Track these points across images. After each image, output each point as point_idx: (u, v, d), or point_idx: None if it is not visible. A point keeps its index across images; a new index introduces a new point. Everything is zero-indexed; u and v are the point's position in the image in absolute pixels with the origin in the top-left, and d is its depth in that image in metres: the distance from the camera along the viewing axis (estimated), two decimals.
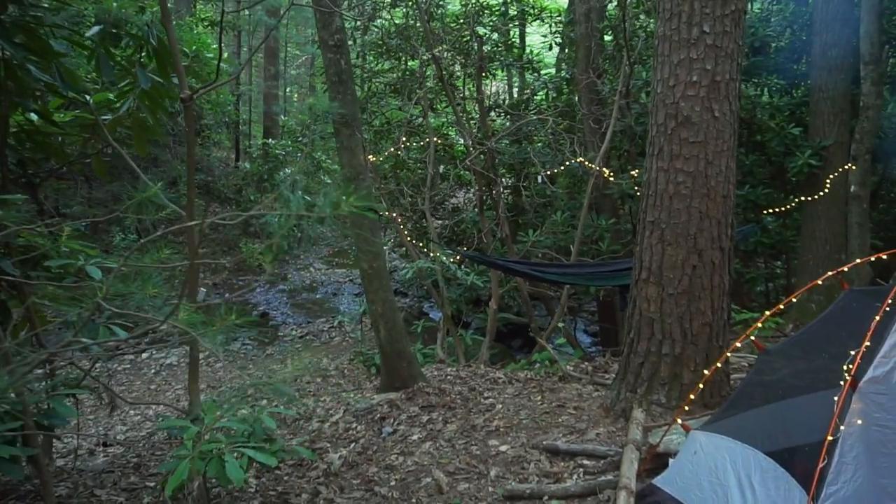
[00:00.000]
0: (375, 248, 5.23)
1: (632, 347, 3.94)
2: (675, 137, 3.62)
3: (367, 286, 5.33)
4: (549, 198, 9.57)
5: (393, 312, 5.38)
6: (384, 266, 5.32)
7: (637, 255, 3.91)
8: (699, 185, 3.59)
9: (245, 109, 23.15)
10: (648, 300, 3.80)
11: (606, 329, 10.31)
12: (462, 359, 7.68)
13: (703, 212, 3.61)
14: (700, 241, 3.63)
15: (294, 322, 11.93)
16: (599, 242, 8.68)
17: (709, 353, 3.73)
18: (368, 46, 8.77)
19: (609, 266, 6.05)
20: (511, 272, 6.13)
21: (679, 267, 3.67)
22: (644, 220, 3.84)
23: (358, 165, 5.11)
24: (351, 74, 5.12)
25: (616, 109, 7.15)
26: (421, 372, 5.68)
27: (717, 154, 3.59)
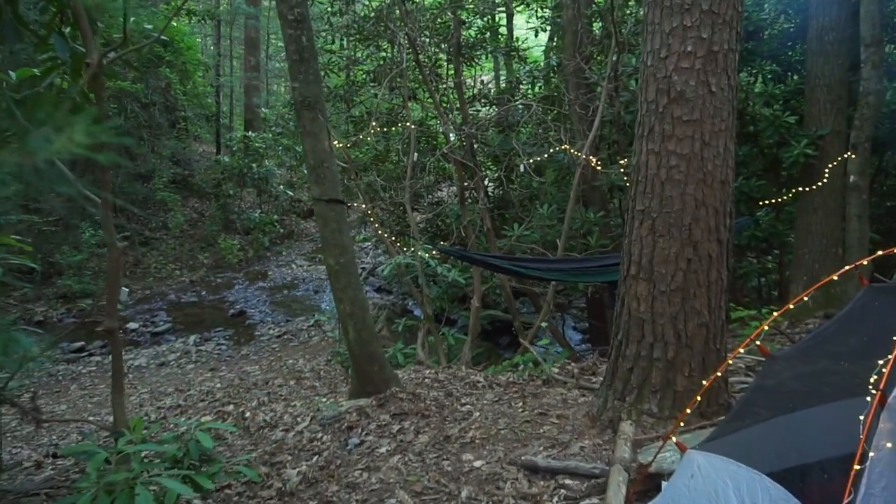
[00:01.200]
0: (343, 241, 4.81)
1: (620, 351, 3.55)
2: (668, 116, 3.22)
3: (334, 284, 4.91)
4: (536, 190, 9.18)
5: (363, 312, 4.97)
6: (352, 262, 4.91)
7: (625, 249, 3.52)
8: (694, 169, 3.20)
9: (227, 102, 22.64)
10: (638, 298, 3.41)
11: (596, 327, 9.96)
12: (443, 360, 7.28)
13: (699, 199, 3.22)
14: (695, 232, 3.24)
15: (272, 321, 11.49)
16: (588, 237, 8.31)
17: (705, 358, 3.35)
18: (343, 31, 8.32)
19: (597, 261, 5.67)
20: (492, 268, 5.73)
21: (672, 261, 3.28)
22: (633, 210, 3.44)
23: (322, 152, 4.69)
24: (314, 52, 4.69)
25: (604, 95, 6.76)
26: (395, 375, 5.27)
27: (715, 134, 3.20)
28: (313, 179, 4.75)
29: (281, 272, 14.50)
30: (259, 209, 16.92)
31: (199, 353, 9.84)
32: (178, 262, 14.37)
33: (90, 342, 10.21)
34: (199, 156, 18.81)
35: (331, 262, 4.86)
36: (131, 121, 13.94)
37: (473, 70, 12.05)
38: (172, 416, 6.79)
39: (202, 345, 10.18)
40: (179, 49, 14.42)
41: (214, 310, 12.08)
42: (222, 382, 8.06)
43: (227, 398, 7.11)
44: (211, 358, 9.70)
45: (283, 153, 16.06)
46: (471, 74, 12.27)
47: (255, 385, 7.58)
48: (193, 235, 15.50)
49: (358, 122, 9.85)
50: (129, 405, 7.39)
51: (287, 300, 12.74)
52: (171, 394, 7.77)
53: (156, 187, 13.94)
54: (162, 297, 12.62)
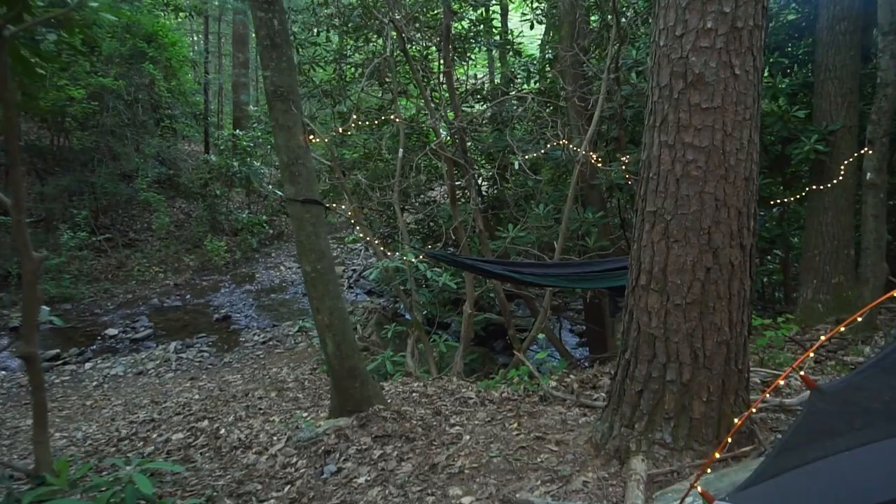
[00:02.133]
0: (319, 246, 4.37)
1: (628, 371, 3.12)
2: (684, 103, 2.79)
3: (310, 292, 4.48)
4: (531, 189, 8.76)
5: (342, 323, 4.53)
6: (331, 268, 4.47)
7: (634, 255, 3.09)
8: (715, 164, 2.78)
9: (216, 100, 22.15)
10: (649, 312, 2.98)
11: (593, 331, 9.54)
12: (433, 369, 6.85)
13: (720, 199, 2.80)
14: (715, 236, 2.82)
15: (258, 326, 11.03)
16: (586, 238, 7.89)
17: (725, 380, 2.92)
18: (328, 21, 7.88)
19: (597, 266, 5.25)
20: (484, 274, 5.30)
21: (688, 270, 2.86)
22: (643, 211, 3.02)
23: (297, 148, 4.25)
24: (287, 37, 4.25)
25: (604, 88, 6.33)
26: (378, 392, 4.83)
27: (738, 124, 2.78)
28: (287, 178, 4.31)
29: (269, 274, 14.04)
30: (247, 209, 16.46)
31: (179, 360, 9.39)
32: (162, 265, 13.90)
33: (66, 349, 9.75)
34: (186, 155, 18.33)
35: (307, 269, 4.42)
36: (114, 119, 13.46)
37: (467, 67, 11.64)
38: (144, 432, 6.35)
39: (183, 352, 9.72)
40: (164, 44, 13.94)
41: (198, 314, 11.62)
42: (201, 393, 7.61)
43: (203, 412, 6.65)
44: (192, 366, 9.24)
45: (271, 152, 15.60)
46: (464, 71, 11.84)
47: (235, 397, 7.13)
48: (179, 237, 15.02)
49: (346, 118, 9.41)
50: (101, 419, 6.95)
51: (274, 304, 12.29)
52: (146, 406, 7.32)
53: (139, 187, 13.44)
54: (144, 300, 12.15)
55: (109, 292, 12.41)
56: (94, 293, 12.21)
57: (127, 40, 13.16)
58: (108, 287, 12.53)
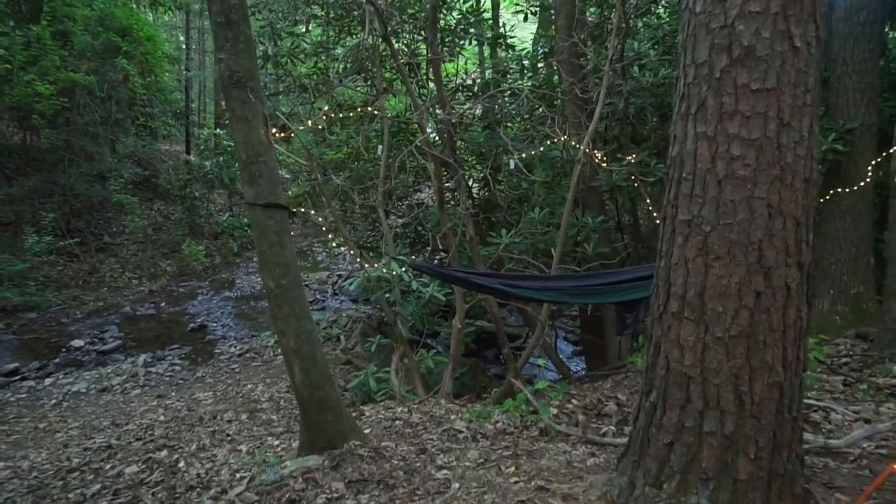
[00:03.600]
0: (285, 258, 3.76)
1: (653, 417, 2.53)
2: (728, 83, 2.21)
3: (274, 312, 3.86)
4: (525, 191, 8.19)
5: (312, 347, 3.92)
6: (298, 283, 3.86)
7: (661, 275, 2.50)
8: (768, 161, 2.19)
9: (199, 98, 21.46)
10: (682, 346, 2.39)
11: (590, 342, 8.98)
12: (420, 389, 6.24)
13: (774, 205, 2.21)
14: (768, 252, 2.23)
15: (235, 336, 10.38)
16: (584, 244, 7.32)
17: (777, 431, 2.34)
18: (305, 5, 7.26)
19: (602, 278, 4.66)
20: (475, 288, 4.70)
21: (733, 295, 2.27)
22: (673, 220, 2.42)
23: (257, 143, 3.64)
24: (245, 14, 3.64)
25: (606, 80, 5.75)
26: (354, 425, 4.22)
27: (797, 110, 2.19)
28: (246, 178, 3.70)
29: (249, 280, 13.38)
30: (229, 212, 15.80)
31: (148, 375, 8.72)
32: (137, 270, 13.21)
33: (26, 363, 9.07)
34: (166, 155, 17.63)
35: (270, 284, 3.80)
36: (86, 116, 12.77)
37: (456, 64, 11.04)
38: (98, 461, 5.70)
39: (153, 365, 9.06)
40: (139, 39, 13.26)
41: (173, 323, 10.95)
42: (167, 414, 6.96)
43: (165, 438, 6.01)
44: (161, 381, 8.58)
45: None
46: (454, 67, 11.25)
47: (202, 420, 6.48)
48: (156, 241, 14.33)
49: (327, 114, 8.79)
50: (53, 445, 6.29)
51: (253, 312, 11.64)
52: (105, 429, 6.66)
53: (113, 189, 12.74)
54: (116, 309, 11.47)
55: (79, 300, 11.72)
56: (63, 301, 11.51)
57: (100, 34, 12.48)
58: (78, 294, 11.84)
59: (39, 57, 11.27)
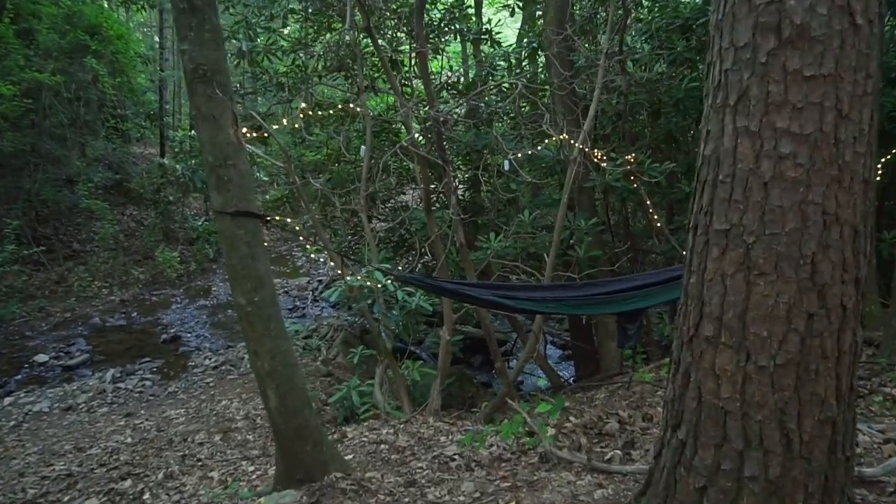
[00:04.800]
0: (257, 271, 3.36)
1: (681, 457, 2.18)
2: (776, 69, 1.87)
3: (246, 331, 3.46)
4: (515, 193, 7.86)
5: (288, 369, 3.53)
6: (272, 299, 3.47)
7: (692, 292, 2.16)
8: (824, 160, 1.86)
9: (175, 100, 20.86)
10: (717, 376, 2.05)
11: (580, 348, 8.67)
12: (406, 405, 5.86)
13: (831, 212, 1.88)
14: (823, 267, 1.90)
15: (210, 347, 9.90)
16: (576, 247, 6.99)
17: (830, 474, 2.01)
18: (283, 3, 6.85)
19: (604, 287, 4.33)
20: (467, 300, 4.34)
21: (781, 317, 1.93)
22: (707, 229, 2.08)
23: (225, 144, 3.24)
24: (212, 1, 3.24)
25: (601, 74, 5.43)
26: (335, 454, 3.84)
27: (857, 100, 1.86)
28: (213, 184, 3.30)
29: (225, 287, 12.85)
30: (204, 216, 15.27)
31: (116, 392, 8.23)
32: (108, 279, 12.64)
33: None
34: (140, 158, 17.03)
35: (241, 301, 3.40)
36: (54, 118, 12.21)
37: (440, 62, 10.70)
38: (56, 492, 5.25)
39: (122, 381, 8.56)
40: (109, 37, 12.72)
41: (144, 335, 10.44)
42: (135, 435, 6.49)
43: (130, 464, 5.57)
44: (130, 398, 8.09)
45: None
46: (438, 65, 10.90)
47: (171, 442, 6.04)
48: (129, 247, 13.77)
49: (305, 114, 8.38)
50: (8, 474, 5.79)
51: (230, 320, 11.15)
52: (66, 454, 6.18)
53: (81, 193, 12.17)
54: (84, 320, 10.92)
55: (45, 311, 11.15)
56: (28, 313, 10.94)
57: (67, 32, 11.94)
58: (45, 305, 11.27)
59: (2, 56, 10.71)
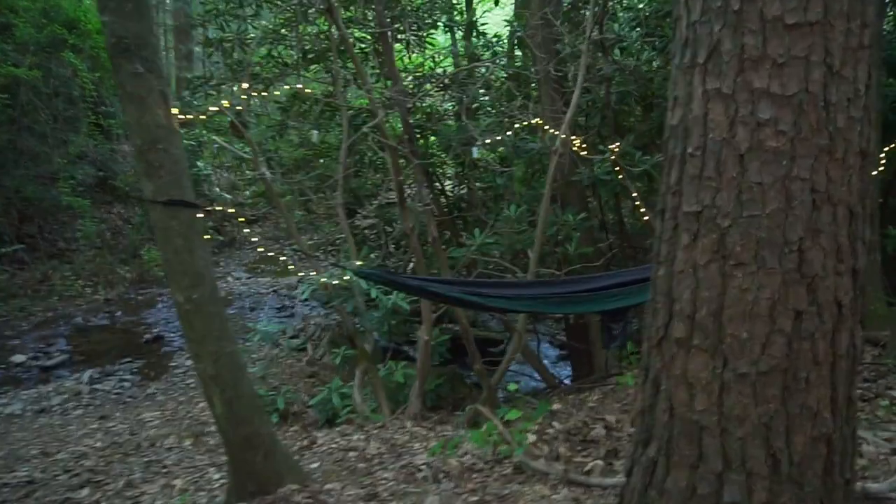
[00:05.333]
0: (195, 266, 3.06)
1: (652, 478, 1.88)
2: (753, 17, 1.56)
3: (186, 331, 3.17)
4: (501, 187, 7.55)
5: (234, 373, 3.23)
6: (213, 296, 3.17)
7: (660, 287, 1.85)
8: (811, 126, 1.55)
9: None
10: (691, 385, 1.74)
11: (576, 349, 8.37)
12: (385, 409, 5.56)
13: (821, 189, 1.57)
14: (812, 255, 1.59)
15: None
16: (565, 244, 6.68)
17: (826, 501, 1.70)
18: None
19: (585, 283, 4.02)
20: (436, 298, 4.02)
21: (763, 315, 1.63)
22: (675, 212, 1.77)
23: (154, 127, 2.94)
24: None
25: (584, 61, 5.12)
26: (291, 465, 3.54)
27: (851, 54, 1.55)
28: (143, 170, 3.00)
29: None
30: None
31: (93, 393, 7.94)
32: (93, 278, 12.35)
33: None
34: (128, 155, 16.75)
35: (179, 299, 3.10)
36: (32, 115, 11.91)
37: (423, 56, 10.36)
38: (13, 501, 4.98)
39: (100, 382, 8.27)
40: (87, 31, 12.43)
41: (127, 335, 10.14)
42: (105, 439, 6.21)
43: (93, 471, 5.29)
44: (107, 400, 7.80)
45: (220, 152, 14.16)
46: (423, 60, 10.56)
47: (140, 447, 5.77)
48: (115, 246, 13.47)
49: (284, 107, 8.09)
50: None
51: None
52: (32, 459, 5.90)
53: (62, 191, 11.89)
54: (67, 319, 10.63)
55: (27, 311, 10.86)
56: (8, 312, 10.65)
57: (44, 26, 11.63)
58: (26, 305, 10.98)
59: None
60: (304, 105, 7.91)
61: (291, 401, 6.80)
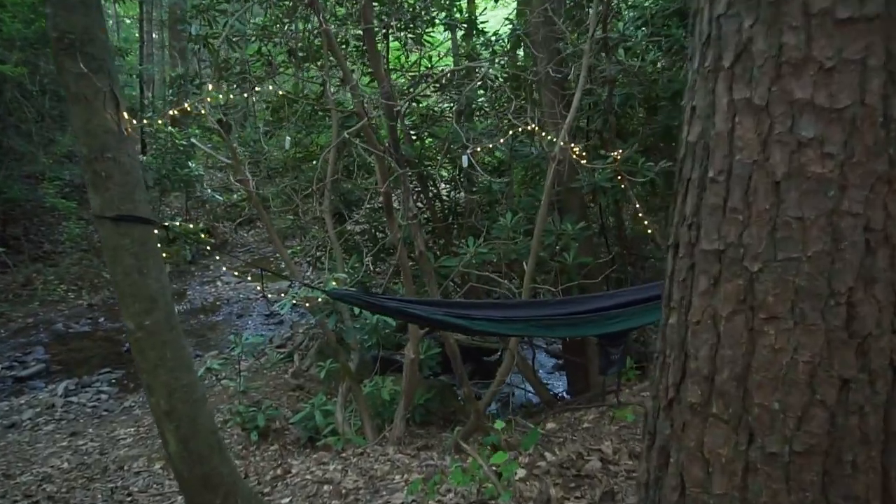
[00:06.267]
0: (148, 289, 2.74)
1: None
2: (794, 8, 1.24)
3: (139, 361, 2.84)
4: (496, 194, 7.23)
5: (190, 407, 2.90)
6: (169, 322, 2.84)
7: (670, 337, 1.52)
8: (866, 148, 1.23)
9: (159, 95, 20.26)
10: (707, 462, 1.42)
11: (573, 363, 8.05)
12: (369, 432, 5.23)
13: (878, 227, 1.24)
14: (864, 310, 1.26)
15: None
16: (564, 254, 6.36)
17: None
18: None
19: (582, 304, 3.69)
20: (416, 320, 3.68)
21: (801, 382, 1.30)
22: (691, 249, 1.45)
23: (102, 132, 2.62)
24: None
25: (586, 61, 4.80)
26: (255, 502, 3.22)
27: None
28: (90, 181, 2.68)
29: (202, 291, 12.26)
30: (183, 217, 14.68)
31: (67, 406, 7.61)
32: (77, 282, 12.03)
33: None
34: None
35: (129, 325, 2.78)
36: (16, 114, 11.60)
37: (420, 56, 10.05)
38: None
39: (76, 394, 7.94)
40: None
41: (108, 342, 9.81)
42: (73, 460, 5.88)
43: (53, 498, 4.96)
44: (81, 414, 7.47)
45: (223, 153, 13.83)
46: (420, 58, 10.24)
47: (106, 470, 5.43)
48: (102, 249, 13.16)
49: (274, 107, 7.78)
50: None
51: (202, 327, 10.54)
52: None
53: (46, 192, 11.56)
54: (47, 326, 10.30)
55: (6, 316, 10.53)
56: None
57: (32, 21, 11.31)
58: (6, 310, 10.65)
59: None
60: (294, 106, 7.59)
61: (273, 417, 6.48)
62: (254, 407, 6.50)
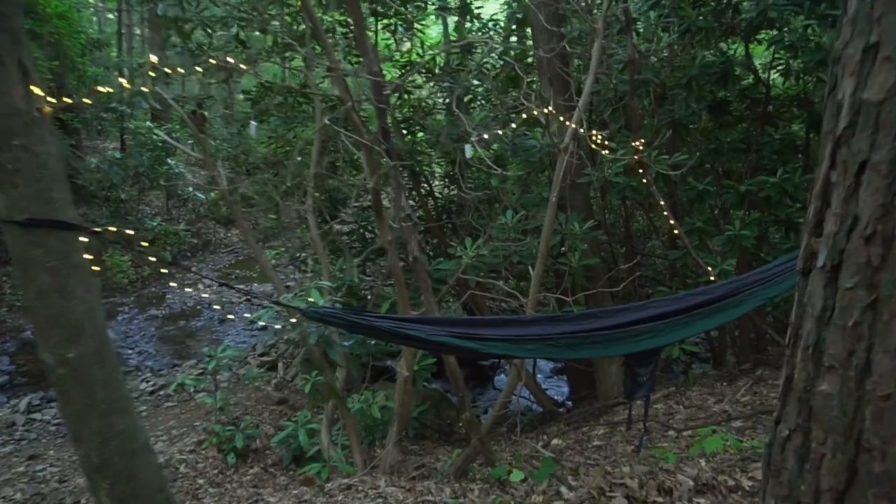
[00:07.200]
0: (69, 313, 2.15)
1: None
2: None
3: (61, 403, 2.26)
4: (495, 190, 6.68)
5: (129, 461, 2.31)
6: (102, 354, 2.25)
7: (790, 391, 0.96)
8: None
9: None
10: None
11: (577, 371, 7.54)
12: (358, 460, 4.65)
13: None
14: None
15: (152, 366, 8.67)
16: (569, 254, 5.83)
17: None
18: None
19: (604, 319, 3.12)
20: (407, 342, 3.09)
21: None
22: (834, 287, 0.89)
23: (7, 114, 2.03)
24: None
25: (598, 44, 4.24)
26: None
27: None
28: None
29: (182, 294, 11.62)
30: (162, 216, 14.04)
31: (29, 424, 6.98)
32: None
33: None
34: (98, 153, 15.75)
35: (49, 361, 2.19)
36: None
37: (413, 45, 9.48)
38: None
39: (39, 410, 7.32)
40: (46, 17, 11.42)
41: None
42: (28, 489, 5.28)
43: None
44: (44, 433, 6.85)
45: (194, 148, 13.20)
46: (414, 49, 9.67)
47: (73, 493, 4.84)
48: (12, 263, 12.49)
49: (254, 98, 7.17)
50: None
51: (181, 334, 9.92)
52: None
53: None
54: (15, 334, 9.64)
55: None
56: None
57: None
58: None
59: None
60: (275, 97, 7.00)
61: (253, 436, 5.91)
62: (232, 425, 5.93)
